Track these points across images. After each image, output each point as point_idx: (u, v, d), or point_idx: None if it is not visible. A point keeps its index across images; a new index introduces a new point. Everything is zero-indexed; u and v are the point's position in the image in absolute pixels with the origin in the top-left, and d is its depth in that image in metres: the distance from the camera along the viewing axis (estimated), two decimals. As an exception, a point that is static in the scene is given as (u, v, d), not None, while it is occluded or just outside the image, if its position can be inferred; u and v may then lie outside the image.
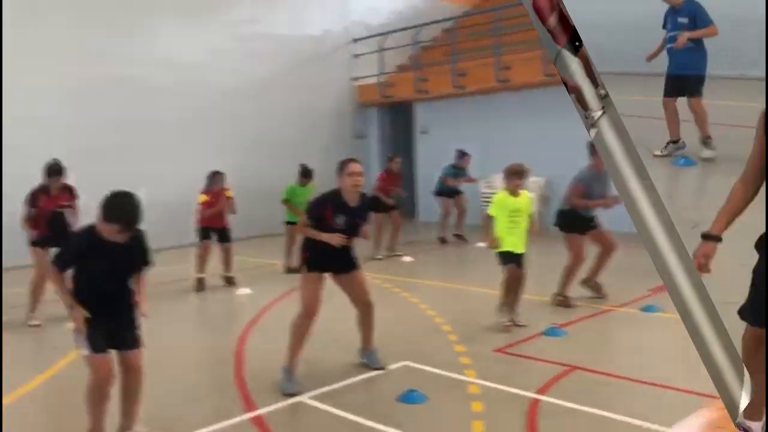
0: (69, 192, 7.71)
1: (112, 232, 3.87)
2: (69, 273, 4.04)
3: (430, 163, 15.79)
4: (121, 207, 3.87)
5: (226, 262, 9.67)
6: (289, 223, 10.61)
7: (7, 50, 11.63)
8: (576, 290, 7.62)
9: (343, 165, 5.33)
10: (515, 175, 6.55)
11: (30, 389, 5.47)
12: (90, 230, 3.97)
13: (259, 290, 9.19)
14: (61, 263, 3.99)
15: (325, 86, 16.59)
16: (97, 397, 3.99)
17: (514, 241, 6.56)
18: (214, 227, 9.56)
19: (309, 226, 5.27)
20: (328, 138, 16.15)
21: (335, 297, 5.63)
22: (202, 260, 9.45)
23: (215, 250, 9.57)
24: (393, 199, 11.48)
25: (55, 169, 7.54)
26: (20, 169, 9.97)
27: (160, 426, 4.34)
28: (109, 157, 12.19)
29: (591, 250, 7.70)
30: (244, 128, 14.87)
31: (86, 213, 7.84)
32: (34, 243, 7.62)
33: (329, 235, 5.16)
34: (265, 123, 15.22)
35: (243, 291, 9.15)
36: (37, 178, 7.63)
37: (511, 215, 6.52)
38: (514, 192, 6.57)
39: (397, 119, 17.71)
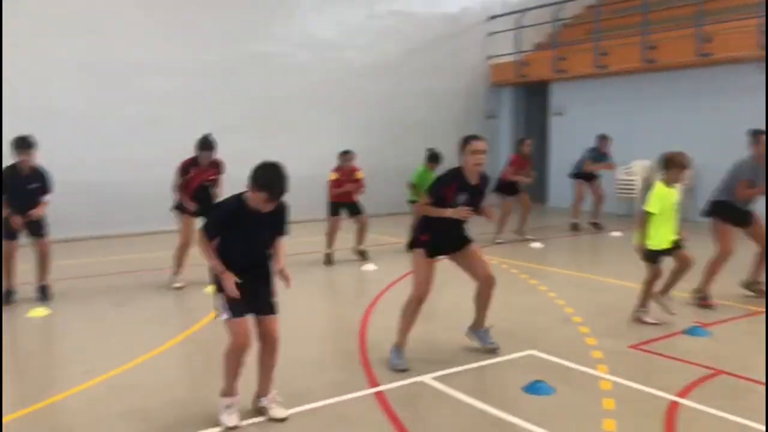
0: (217, 167, 8.07)
1: (260, 201, 3.95)
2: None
3: (564, 146, 15.19)
4: (271, 177, 3.94)
5: (360, 234, 9.80)
6: (412, 202, 10.66)
7: (158, 32, 12.46)
8: (725, 288, 7.03)
9: (465, 142, 5.19)
10: (678, 167, 6.04)
11: (168, 347, 5.79)
12: (237, 199, 4.07)
13: (384, 267, 9.25)
14: (210, 231, 4.13)
15: (458, 65, 16.35)
16: (234, 360, 4.13)
17: (665, 237, 6.11)
18: (344, 202, 9.71)
19: (430, 205, 5.18)
20: (458, 118, 15.90)
21: (458, 278, 5.50)
22: (331, 236, 9.64)
23: (347, 225, 9.74)
24: (522, 182, 11.15)
25: (207, 144, 7.90)
26: (172, 138, 10.69)
27: (288, 393, 4.43)
28: (249, 132, 12.73)
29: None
30: (375, 107, 14.98)
31: (229, 185, 8.29)
32: (181, 210, 8.06)
33: (454, 210, 5.05)
34: (396, 102, 15.25)
35: (369, 267, 9.24)
36: (187, 149, 8.04)
37: (667, 209, 6.07)
38: (672, 183, 6.09)
39: (531, 100, 17.15)
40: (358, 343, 5.79)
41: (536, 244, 10.92)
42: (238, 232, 4.05)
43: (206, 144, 7.91)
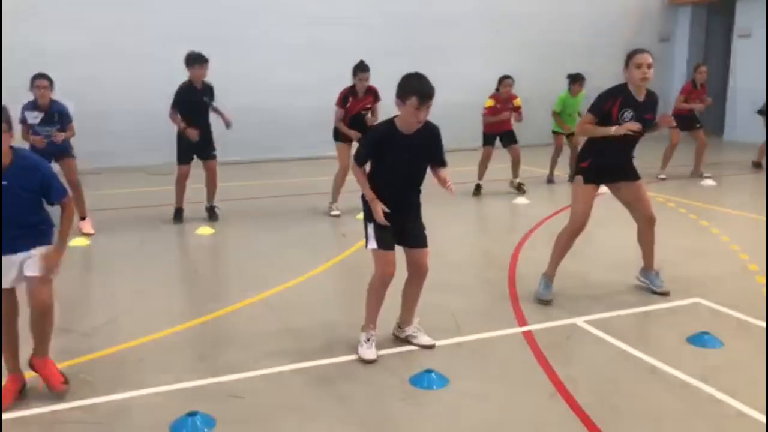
0: (373, 94, 8.04)
1: (410, 112, 3.83)
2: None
3: (749, 73, 13.61)
4: (417, 81, 3.83)
5: (515, 167, 9.49)
6: (555, 132, 10.19)
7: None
8: None
9: (630, 56, 4.80)
10: None
11: (321, 271, 5.98)
12: (388, 123, 4.00)
13: (537, 200, 8.92)
14: (361, 157, 4.10)
15: (629, -18, 15.01)
16: (378, 290, 4.14)
17: None
18: (498, 132, 9.38)
19: (592, 123, 4.81)
20: (627, 42, 14.59)
21: (621, 216, 5.13)
22: (483, 166, 9.41)
23: (502, 155, 9.47)
24: (697, 110, 10.15)
25: (362, 66, 7.86)
26: (332, 63, 10.81)
27: (433, 326, 4.41)
28: (404, 56, 12.58)
29: None
30: (533, 30, 14.24)
31: (385, 113, 8.27)
32: (338, 138, 8.16)
33: (618, 127, 4.68)
34: (556, 25, 14.36)
35: (520, 200, 8.95)
36: (346, 76, 8.07)
37: None
38: None
39: (712, 20, 15.45)
40: (508, 278, 5.63)
41: (708, 182, 9.99)
42: (390, 157, 3.97)
43: (361, 66, 7.88)
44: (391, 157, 3.96)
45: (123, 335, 4.43)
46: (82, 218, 7.20)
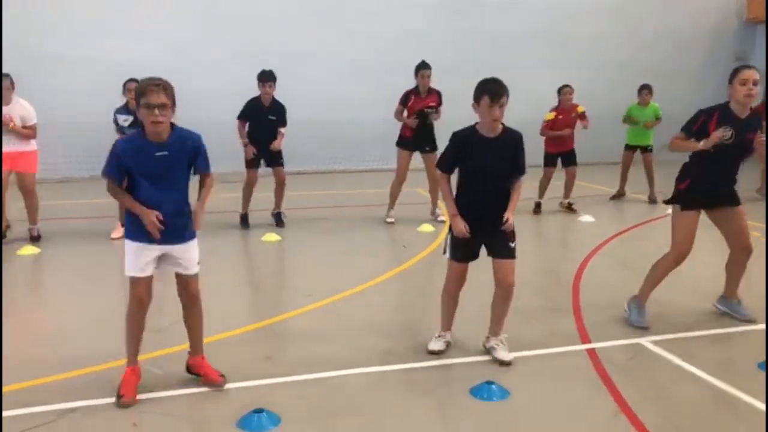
0: (438, 96, 8.07)
1: (485, 112, 3.89)
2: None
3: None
4: (488, 81, 3.93)
5: (568, 186, 9.37)
6: (627, 147, 10.03)
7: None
8: None
9: (735, 72, 4.60)
10: None
11: (382, 280, 6.04)
12: (470, 127, 4.05)
13: (602, 219, 8.79)
14: (444, 162, 4.14)
15: (703, 1, 14.63)
16: (446, 298, 4.27)
17: None
18: (560, 152, 9.25)
19: (685, 139, 4.66)
20: (701, 61, 14.34)
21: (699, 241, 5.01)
22: (543, 186, 9.31)
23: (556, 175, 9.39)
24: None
25: (424, 64, 7.93)
26: (390, 80, 10.94)
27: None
28: (464, 72, 12.59)
29: None
30: (599, 50, 14.05)
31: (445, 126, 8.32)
32: (401, 146, 8.23)
33: (707, 140, 4.50)
34: (625, 45, 14.15)
35: (586, 218, 8.82)
36: (404, 87, 8.17)
37: None
38: None
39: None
40: (572, 296, 5.57)
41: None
42: (471, 160, 4.01)
43: (423, 64, 7.93)
44: (474, 160, 4.00)
45: (193, 333, 4.60)
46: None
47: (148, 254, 3.62)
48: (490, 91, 3.88)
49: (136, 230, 3.59)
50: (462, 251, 4.13)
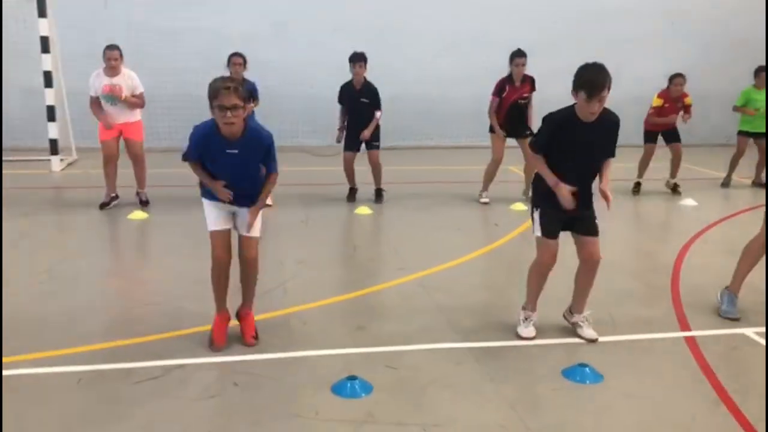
0: (530, 83, 7.91)
1: (582, 105, 3.79)
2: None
3: None
4: (588, 73, 3.75)
5: (674, 164, 8.97)
6: (741, 133, 9.41)
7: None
8: None
9: None
10: None
11: (473, 257, 6.04)
12: (568, 110, 3.93)
13: (706, 203, 8.38)
14: (539, 144, 4.06)
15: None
16: (537, 276, 4.19)
17: None
18: (662, 129, 8.88)
19: None
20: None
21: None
22: (644, 164, 8.98)
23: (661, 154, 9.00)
24: None
25: (520, 52, 7.77)
26: (486, 55, 10.79)
27: (593, 320, 4.33)
28: (569, 49, 12.22)
29: None
30: (712, 24, 13.25)
31: (545, 106, 8.14)
32: (493, 130, 8.09)
33: None
34: (739, 19, 13.26)
35: (688, 202, 8.45)
36: (503, 68, 8.03)
37: None
38: None
39: None
40: (671, 281, 5.37)
41: None
42: (566, 144, 3.91)
43: (518, 53, 7.78)
44: (569, 144, 3.91)
45: (289, 300, 4.78)
46: None
47: (220, 210, 3.91)
48: (588, 86, 3.71)
49: (208, 194, 3.90)
50: (554, 226, 4.05)
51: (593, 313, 4.29)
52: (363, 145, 8.08)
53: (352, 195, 8.27)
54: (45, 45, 9.95)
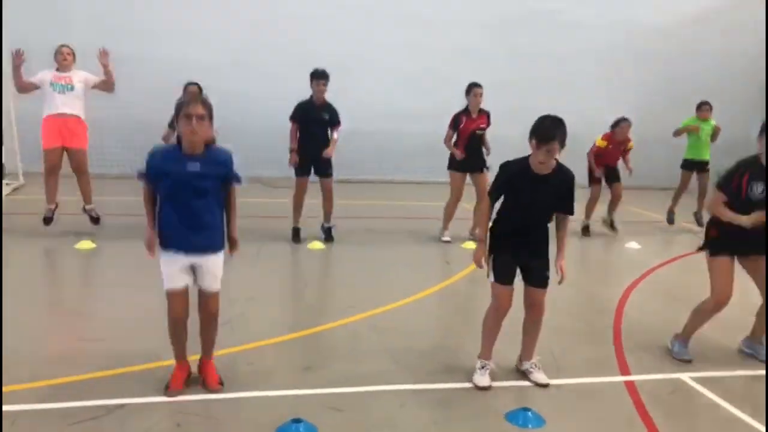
0: (487, 116, 8.05)
1: (536, 155, 3.92)
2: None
3: None
4: (543, 123, 3.90)
5: (613, 203, 9.26)
6: (685, 163, 9.80)
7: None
8: None
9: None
10: None
11: (424, 295, 6.10)
12: (523, 160, 4.06)
13: (650, 247, 8.67)
14: (493, 193, 4.17)
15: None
16: (492, 322, 4.25)
17: None
18: (604, 166, 9.16)
19: (723, 202, 4.47)
20: (757, 87, 13.99)
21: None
22: (591, 206, 9.22)
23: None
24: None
25: (475, 84, 7.92)
26: (444, 92, 11.01)
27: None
28: (521, 89, 12.58)
29: None
30: (657, 70, 13.84)
31: (498, 144, 8.32)
32: (453, 167, 8.19)
33: (747, 218, 4.34)
34: (684, 65, 13.89)
35: (632, 245, 8.71)
36: (454, 102, 8.19)
37: None
38: None
39: None
40: (613, 323, 5.53)
41: None
42: (521, 195, 4.04)
43: (475, 84, 7.92)
44: (522, 195, 4.04)
45: (236, 338, 4.74)
46: None
47: (179, 264, 3.72)
48: (540, 133, 3.87)
49: (168, 236, 3.71)
50: (509, 272, 4.14)
51: (541, 358, 4.39)
52: (312, 174, 7.89)
53: (296, 236, 7.98)
54: (-7, 68, 9.73)
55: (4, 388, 3.75)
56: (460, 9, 13.10)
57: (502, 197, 4.17)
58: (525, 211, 4.08)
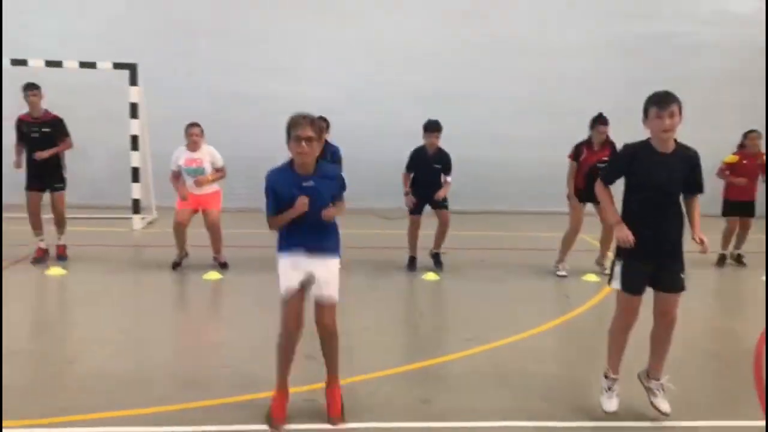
0: (611, 148, 7.73)
1: (654, 125, 3.74)
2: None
3: None
4: (653, 94, 3.77)
5: (741, 237, 8.71)
6: None
7: (550, 10, 12.61)
8: None
9: None
10: None
11: (544, 329, 5.92)
12: (643, 141, 3.87)
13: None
14: (608, 174, 4.03)
15: None
16: (617, 336, 4.00)
17: None
18: (740, 200, 8.58)
19: None
20: None
21: None
22: (728, 236, 8.69)
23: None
24: None
25: (602, 119, 7.70)
26: (559, 119, 10.80)
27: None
28: (636, 117, 12.05)
29: None
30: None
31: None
32: (572, 196, 7.93)
33: None
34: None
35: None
36: (575, 132, 8.01)
37: None
38: None
39: None
40: (754, 364, 5.11)
41: None
42: (642, 176, 3.79)
43: (601, 119, 7.70)
44: (643, 176, 3.79)
45: (355, 368, 4.77)
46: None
47: (296, 266, 3.86)
48: (657, 99, 3.71)
49: (286, 239, 3.92)
50: (638, 281, 3.85)
51: (669, 379, 4.10)
52: (427, 206, 8.06)
53: (412, 264, 8.17)
54: (134, 111, 10.59)
55: (134, 411, 3.97)
56: (575, 34, 12.87)
57: (624, 191, 3.93)
58: (651, 194, 3.78)
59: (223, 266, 7.96)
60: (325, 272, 3.91)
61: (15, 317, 5.92)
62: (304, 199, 3.78)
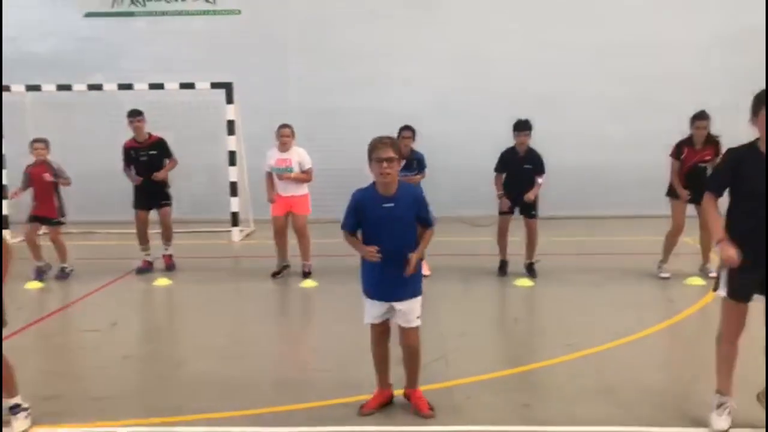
0: (715, 147, 7.37)
1: (763, 124, 3.50)
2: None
3: None
4: (758, 95, 3.54)
5: None
6: None
7: (647, 8, 12.18)
8: None
9: None
10: None
11: (646, 335, 5.69)
12: (748, 144, 3.67)
13: None
14: (712, 183, 3.84)
15: None
16: (723, 347, 3.77)
17: None
18: None
19: None
20: None
21: None
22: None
23: None
24: None
25: (703, 115, 7.39)
26: (656, 120, 10.37)
27: None
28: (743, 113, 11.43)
29: None
30: None
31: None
32: (673, 196, 7.64)
33: None
34: None
35: None
36: (672, 133, 7.72)
37: None
38: None
39: None
40: None
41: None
42: (750, 182, 3.55)
43: (703, 115, 7.39)
44: (751, 182, 3.54)
45: (452, 372, 4.77)
46: None
47: (378, 308, 4.00)
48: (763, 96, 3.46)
49: (368, 289, 4.06)
50: (746, 287, 3.61)
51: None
52: (517, 211, 7.96)
53: (503, 269, 8.06)
54: (231, 128, 11.04)
55: (239, 413, 4.12)
56: (666, 32, 12.38)
57: (730, 197, 3.71)
58: (760, 202, 3.50)
59: (306, 275, 8.10)
60: (406, 307, 4.01)
61: (126, 324, 6.29)
62: (374, 252, 3.86)
